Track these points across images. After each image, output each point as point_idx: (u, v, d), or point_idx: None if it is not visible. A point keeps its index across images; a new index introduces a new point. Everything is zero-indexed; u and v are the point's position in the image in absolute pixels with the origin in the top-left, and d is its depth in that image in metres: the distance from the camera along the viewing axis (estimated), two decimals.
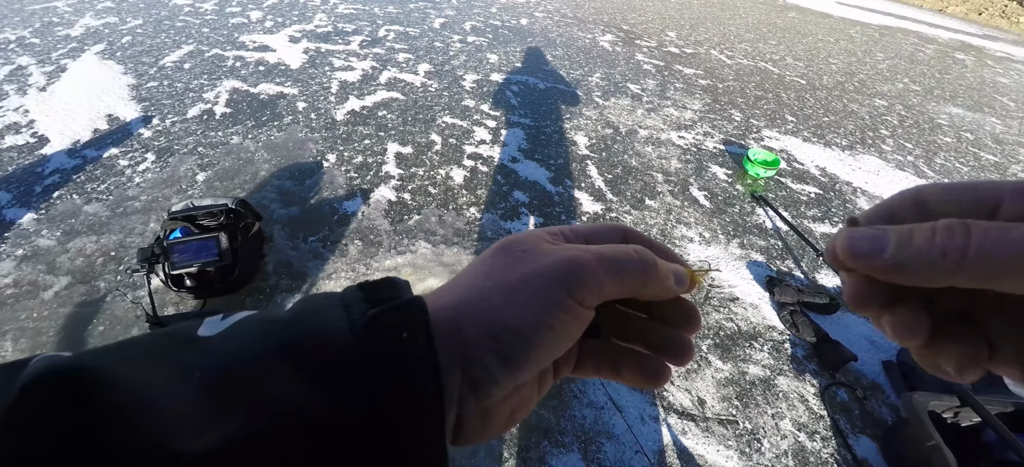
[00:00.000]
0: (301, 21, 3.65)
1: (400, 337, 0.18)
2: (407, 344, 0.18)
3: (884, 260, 0.18)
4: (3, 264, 1.46)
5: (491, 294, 0.20)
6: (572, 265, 0.20)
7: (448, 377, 0.19)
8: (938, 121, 3.50)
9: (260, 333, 0.18)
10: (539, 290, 0.20)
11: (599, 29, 4.49)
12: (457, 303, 0.20)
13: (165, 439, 0.13)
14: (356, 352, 0.17)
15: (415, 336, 0.18)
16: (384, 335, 0.18)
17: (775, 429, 1.25)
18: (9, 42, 2.86)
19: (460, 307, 0.20)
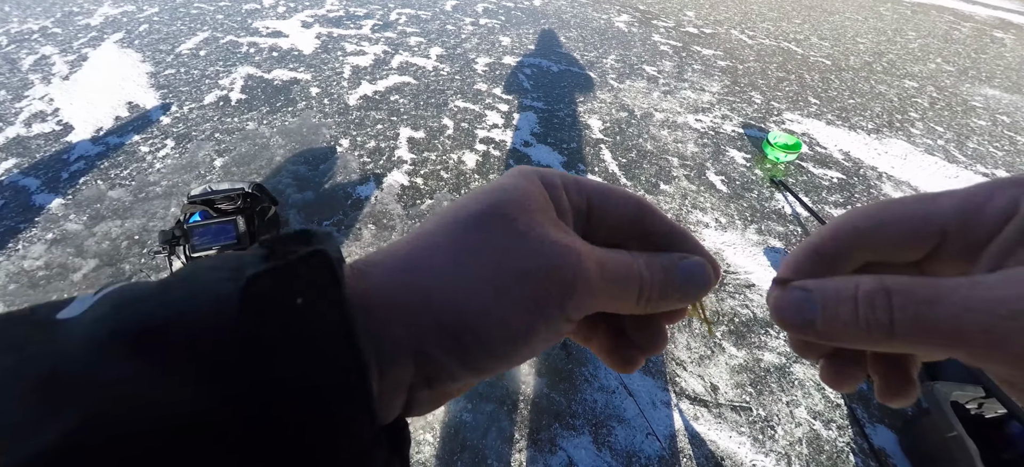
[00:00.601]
0: (313, 6, 3.65)
1: (292, 304, 0.13)
2: (304, 311, 0.13)
3: (814, 331, 0.16)
4: (35, 247, 1.52)
5: (465, 292, 0.16)
6: (573, 276, 0.16)
7: (392, 365, 0.15)
8: (972, 103, 3.33)
9: (110, 310, 0.13)
10: (526, 300, 0.16)
11: (614, 9, 4.37)
12: (417, 289, 0.16)
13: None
14: (231, 331, 0.13)
15: (316, 299, 0.13)
16: (269, 300, 0.13)
17: (790, 417, 1.24)
18: (33, 32, 2.93)
19: (420, 294, 0.16)
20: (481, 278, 0.16)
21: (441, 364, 0.16)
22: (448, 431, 1.13)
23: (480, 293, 0.16)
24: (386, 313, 0.15)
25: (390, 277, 0.16)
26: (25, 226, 1.59)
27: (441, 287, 0.16)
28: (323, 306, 0.13)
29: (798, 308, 0.17)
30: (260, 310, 0.13)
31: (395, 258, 0.17)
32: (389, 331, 0.15)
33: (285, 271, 0.14)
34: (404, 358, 0.15)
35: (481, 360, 0.16)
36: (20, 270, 1.44)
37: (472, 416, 1.16)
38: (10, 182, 1.78)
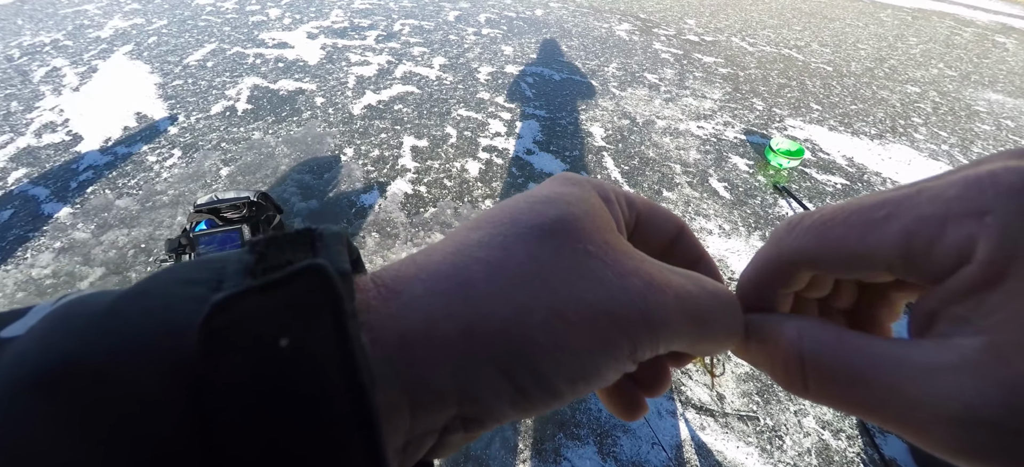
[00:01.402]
0: (318, 17, 3.70)
1: (275, 347, 0.09)
2: (289, 356, 0.09)
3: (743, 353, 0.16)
4: (42, 256, 1.53)
5: (533, 322, 0.13)
6: (651, 314, 0.14)
7: (426, 411, 0.12)
8: (976, 108, 3.32)
9: (41, 338, 0.10)
10: (599, 339, 0.13)
11: (615, 18, 4.41)
12: (467, 321, 0.13)
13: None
14: (176, 387, 0.09)
15: (306, 344, 0.10)
16: (237, 347, 0.09)
17: (798, 426, 1.22)
18: (45, 45, 2.98)
19: (471, 327, 0.12)
20: (545, 306, 0.13)
21: (488, 406, 0.13)
22: None
23: (549, 329, 0.13)
24: (424, 349, 0.12)
25: (428, 300, 0.13)
26: (34, 235, 1.61)
27: (497, 316, 0.13)
28: (320, 348, 0.10)
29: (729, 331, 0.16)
30: (224, 354, 0.09)
31: (435, 275, 0.13)
32: (426, 372, 0.12)
33: (264, 297, 0.10)
34: (443, 403, 0.12)
35: (535, 401, 0.13)
36: (28, 278, 1.45)
37: None
38: (20, 191, 1.80)
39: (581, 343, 0.13)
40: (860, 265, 0.14)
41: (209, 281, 0.11)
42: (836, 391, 0.13)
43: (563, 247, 0.14)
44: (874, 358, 0.12)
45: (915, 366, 0.12)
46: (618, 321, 0.13)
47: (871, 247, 0.13)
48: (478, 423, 0.14)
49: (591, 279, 0.14)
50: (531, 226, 0.14)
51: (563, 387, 0.13)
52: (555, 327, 0.13)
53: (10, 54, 2.84)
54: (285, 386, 0.09)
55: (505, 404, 0.13)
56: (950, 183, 0.12)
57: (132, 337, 0.10)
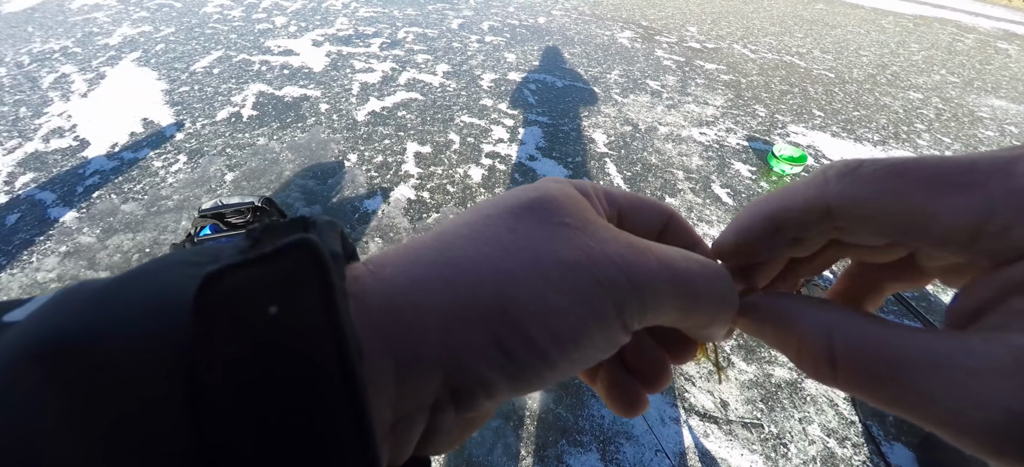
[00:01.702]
0: (323, 25, 3.74)
1: (264, 314, 0.10)
2: (279, 320, 0.10)
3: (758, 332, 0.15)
4: (48, 260, 1.55)
5: (514, 281, 0.13)
6: (633, 273, 0.14)
7: (415, 377, 0.12)
8: (979, 114, 3.32)
9: (46, 316, 0.10)
10: (582, 296, 0.13)
11: (618, 26, 4.44)
12: (453, 285, 0.13)
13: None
14: (168, 356, 0.10)
15: (298, 306, 0.10)
16: (229, 314, 0.10)
17: (802, 434, 1.21)
18: (54, 52, 3.03)
19: (457, 290, 0.13)
20: (531, 272, 0.13)
21: (476, 372, 0.13)
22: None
23: (530, 287, 0.13)
24: (410, 313, 0.12)
25: (415, 270, 0.13)
26: (40, 239, 1.62)
27: (486, 283, 0.13)
28: (308, 315, 0.10)
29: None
30: (216, 323, 0.09)
31: (420, 251, 0.14)
32: (413, 335, 0.12)
33: (256, 268, 0.10)
34: (431, 368, 0.12)
35: (524, 366, 0.13)
36: (33, 282, 1.46)
37: (478, 432, 1.15)
38: (27, 196, 1.82)
39: (564, 302, 0.13)
40: (917, 231, 0.12)
41: (206, 262, 0.12)
42: (869, 387, 0.12)
43: (543, 220, 0.15)
44: (916, 356, 0.11)
45: (963, 367, 0.10)
46: (600, 281, 0.13)
47: (943, 212, 0.12)
48: (468, 395, 0.13)
49: (570, 244, 0.14)
50: (511, 205, 0.15)
51: (551, 349, 0.13)
52: (537, 285, 0.13)
53: (20, 60, 2.88)
54: (273, 351, 0.10)
55: (494, 370, 0.13)
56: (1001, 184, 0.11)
57: (129, 313, 0.10)
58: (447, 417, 0.13)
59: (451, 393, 0.13)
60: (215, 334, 0.10)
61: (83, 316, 0.10)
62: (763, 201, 0.16)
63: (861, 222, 0.14)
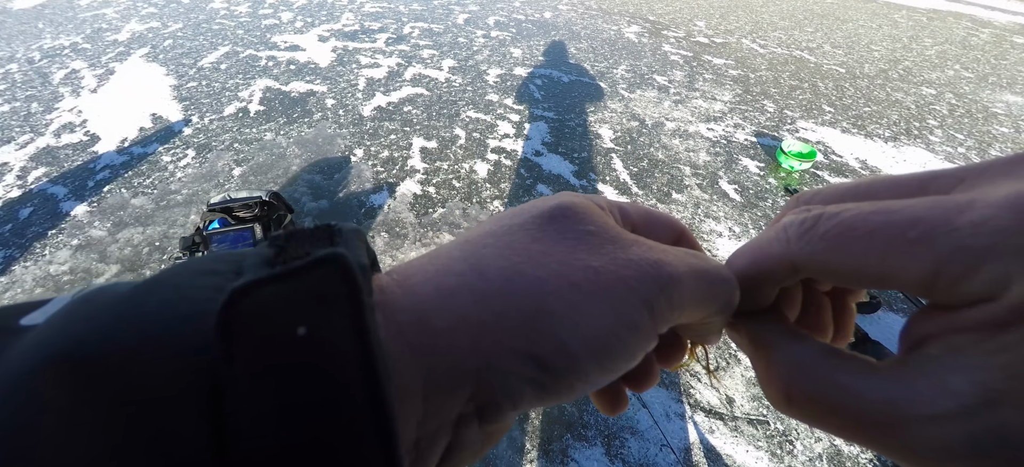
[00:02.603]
0: (329, 20, 3.75)
1: (289, 336, 0.09)
2: (306, 343, 0.09)
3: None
4: (60, 253, 1.57)
5: (546, 291, 0.13)
6: (661, 274, 0.14)
7: (440, 395, 0.12)
8: (993, 110, 3.26)
9: (63, 323, 0.10)
10: (615, 301, 0.13)
11: (624, 20, 4.40)
12: (481, 290, 0.13)
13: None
14: (194, 372, 0.09)
15: (325, 332, 0.10)
16: (256, 334, 0.09)
17: (808, 431, 1.20)
18: (64, 48, 3.06)
19: (486, 299, 0.13)
20: (561, 280, 0.13)
21: (507, 385, 0.13)
22: None
23: (561, 296, 0.13)
24: (441, 326, 0.12)
25: (443, 281, 0.13)
26: (52, 232, 1.65)
27: (517, 294, 0.13)
28: (337, 337, 0.10)
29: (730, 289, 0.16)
30: (242, 342, 0.09)
31: (446, 262, 0.14)
32: (443, 349, 0.12)
33: (284, 285, 0.10)
34: (462, 380, 0.12)
35: (557, 375, 0.13)
36: (46, 275, 1.49)
37: None
38: (39, 190, 1.84)
39: (597, 307, 0.13)
40: (876, 283, 0.13)
41: (228, 272, 0.11)
42: (819, 421, 0.13)
43: (566, 229, 0.15)
44: (863, 397, 0.12)
45: (908, 411, 0.11)
46: (629, 282, 0.14)
47: (896, 270, 0.12)
48: (495, 408, 0.13)
49: (597, 251, 0.14)
50: (533, 215, 0.15)
51: (584, 356, 0.13)
52: (569, 293, 0.13)
53: (31, 57, 2.92)
54: (299, 377, 0.09)
55: (525, 381, 0.13)
56: (999, 208, 0.11)
57: (148, 324, 0.10)
58: (471, 431, 0.13)
59: (477, 409, 0.13)
60: (240, 353, 0.09)
61: (100, 325, 0.10)
62: (740, 257, 0.16)
63: (826, 275, 0.14)
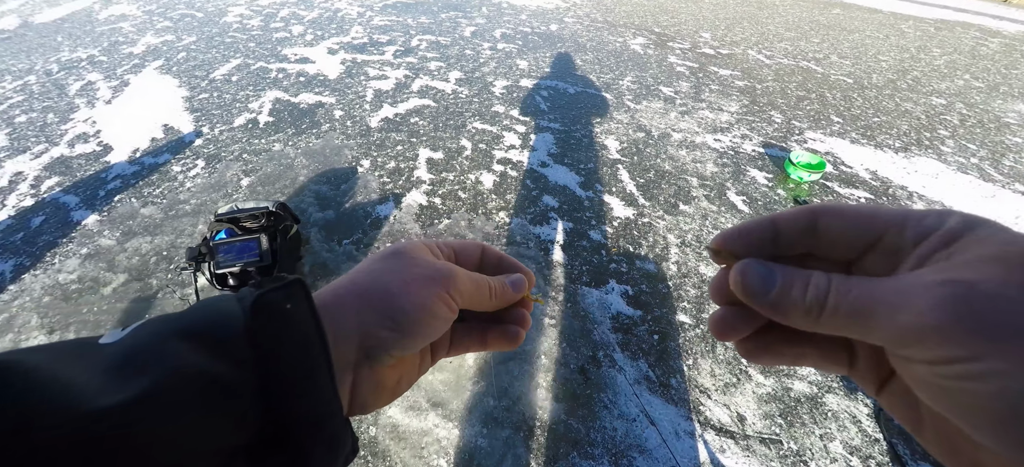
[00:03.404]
0: (339, 34, 3.81)
1: (284, 308, 0.21)
2: (291, 311, 0.21)
3: (766, 302, 0.20)
4: (70, 261, 1.58)
5: (389, 286, 0.25)
6: (449, 272, 0.27)
7: (344, 343, 0.23)
8: (1006, 120, 3.21)
9: (158, 325, 0.20)
10: (426, 285, 0.26)
11: (630, 32, 4.42)
12: (359, 292, 0.25)
13: (78, 403, 0.15)
14: (246, 325, 0.20)
15: (297, 305, 0.21)
16: (270, 307, 0.21)
17: (824, 451, 1.17)
18: (81, 60, 3.13)
19: (362, 294, 0.25)
20: (394, 281, 0.26)
21: (377, 336, 0.24)
22: (462, 457, 1.10)
23: (395, 285, 0.26)
24: (337, 309, 0.24)
25: (338, 289, 0.26)
26: (62, 241, 1.67)
27: (370, 288, 0.26)
28: (302, 309, 0.22)
29: (762, 280, 0.20)
30: (264, 313, 0.21)
31: (338, 282, 0.27)
32: (339, 319, 0.24)
33: (278, 291, 0.22)
34: (351, 336, 0.24)
35: (405, 325, 0.25)
36: (55, 283, 1.50)
37: (487, 442, 1.13)
38: (51, 199, 1.87)
39: (417, 289, 0.25)
40: (866, 224, 0.20)
41: (234, 298, 0.22)
42: (842, 323, 0.18)
43: (400, 258, 0.28)
44: (874, 292, 0.18)
45: (895, 289, 0.17)
46: (433, 278, 0.26)
47: (877, 213, 0.20)
48: (375, 350, 0.24)
49: (417, 266, 0.27)
50: (382, 255, 0.28)
51: (413, 312, 0.25)
52: (402, 286, 0.26)
53: (49, 69, 2.99)
54: (290, 317, 0.21)
55: (386, 330, 0.24)
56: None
57: (212, 316, 0.21)
58: (363, 372, 0.25)
59: (365, 351, 0.24)
60: (261, 317, 0.21)
61: (185, 321, 0.20)
62: (766, 215, 0.23)
63: (837, 217, 0.21)
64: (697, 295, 1.58)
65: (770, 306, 0.20)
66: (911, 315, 0.16)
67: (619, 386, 1.27)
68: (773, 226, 0.22)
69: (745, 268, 0.21)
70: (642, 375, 1.31)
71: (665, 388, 1.28)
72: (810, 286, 0.19)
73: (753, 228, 0.22)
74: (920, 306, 0.16)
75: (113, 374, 0.17)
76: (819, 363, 0.23)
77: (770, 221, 0.22)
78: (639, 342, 1.40)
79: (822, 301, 0.18)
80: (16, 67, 3.01)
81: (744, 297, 0.21)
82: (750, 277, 0.20)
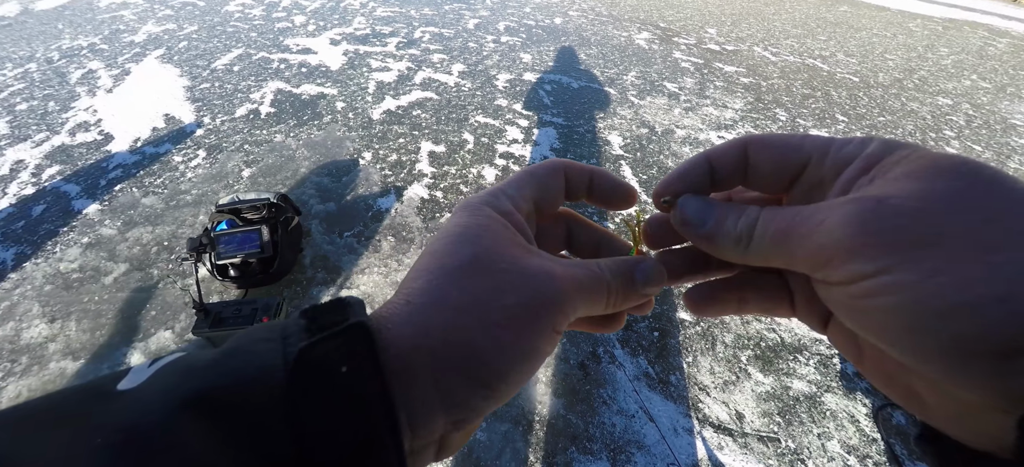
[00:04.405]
0: (341, 24, 3.78)
1: (337, 372, 0.15)
2: (348, 380, 0.15)
3: (702, 234, 0.21)
4: (71, 250, 1.59)
5: (472, 336, 0.18)
6: (555, 296, 0.19)
7: (423, 423, 0.17)
8: (1012, 121, 3.18)
9: (178, 381, 0.15)
10: (525, 327, 0.19)
11: (635, 27, 4.39)
12: (434, 350, 0.17)
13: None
14: (285, 395, 0.15)
15: (359, 369, 0.15)
16: (318, 371, 0.15)
17: (821, 450, 1.17)
18: (82, 48, 3.12)
19: (438, 354, 0.17)
20: (483, 323, 0.18)
21: (468, 406, 0.18)
22: (461, 451, 1.11)
23: (485, 334, 0.18)
24: (406, 374, 0.17)
25: (408, 342, 0.18)
26: (63, 230, 1.67)
27: (454, 345, 0.18)
28: (363, 374, 0.16)
29: (699, 213, 0.21)
30: (307, 378, 0.15)
31: (409, 323, 0.18)
32: (416, 394, 0.17)
33: (331, 342, 0.16)
34: (435, 413, 0.17)
35: (501, 388, 0.18)
36: (56, 272, 1.50)
37: (486, 435, 1.14)
38: (53, 188, 1.87)
39: (513, 337, 0.18)
40: (792, 155, 0.21)
41: (277, 338, 0.17)
42: (768, 251, 0.19)
43: (484, 275, 0.19)
44: (793, 218, 0.18)
45: (809, 214, 0.17)
46: (534, 310, 0.19)
47: (803, 143, 0.21)
48: (465, 422, 0.18)
49: (509, 289, 0.19)
50: (455, 267, 0.19)
51: (510, 368, 0.18)
52: (491, 332, 0.18)
53: (50, 57, 2.98)
54: (342, 395, 0.15)
55: (478, 398, 0.18)
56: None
57: (239, 376, 0.15)
58: (452, 438, 0.19)
59: (454, 424, 0.18)
60: (308, 383, 0.15)
61: (209, 380, 0.15)
62: (709, 152, 0.23)
63: (765, 148, 0.21)
64: None
65: (706, 237, 0.21)
66: (821, 236, 0.16)
67: (619, 382, 1.27)
68: (707, 162, 0.22)
69: (684, 202, 0.21)
70: (642, 371, 1.31)
71: (664, 385, 1.28)
72: (742, 217, 0.19)
73: (689, 169, 0.22)
74: (828, 226, 0.16)
75: (113, 460, 0.13)
76: (762, 307, 0.22)
77: (704, 157, 0.22)
78: (639, 338, 1.40)
79: (751, 231, 0.19)
80: (17, 54, 3.00)
81: (683, 230, 0.21)
82: (689, 210, 0.21)
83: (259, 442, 0.14)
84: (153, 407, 0.14)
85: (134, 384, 0.15)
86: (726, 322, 1.47)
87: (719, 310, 0.23)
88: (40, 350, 1.28)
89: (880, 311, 0.15)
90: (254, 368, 0.15)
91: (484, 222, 0.21)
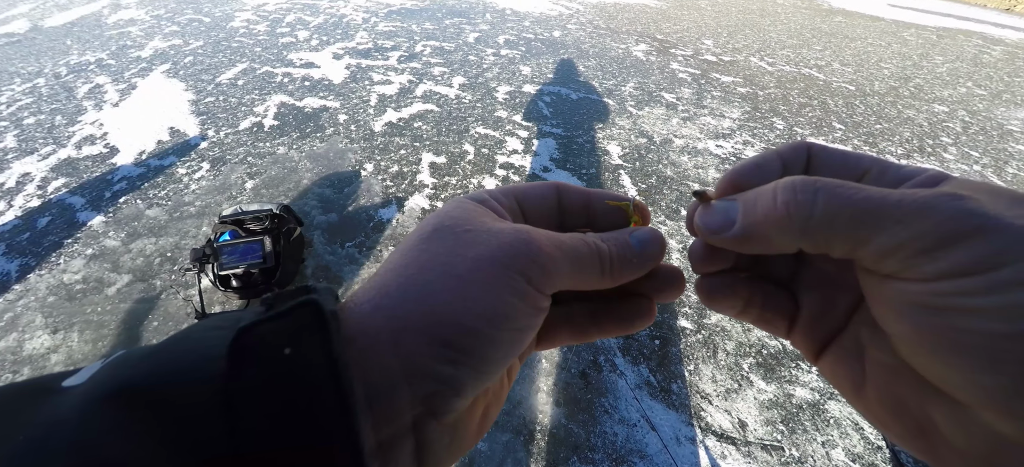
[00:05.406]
0: (344, 39, 3.84)
1: (279, 356, 0.13)
2: (291, 363, 0.13)
3: (733, 233, 0.18)
4: (75, 262, 1.60)
5: (434, 289, 0.16)
6: (527, 247, 0.17)
7: (393, 401, 0.15)
8: (1009, 127, 3.20)
9: (110, 373, 0.14)
10: (494, 278, 0.16)
11: (633, 39, 4.45)
12: (387, 306, 0.16)
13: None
14: (223, 383, 0.13)
15: (303, 351, 0.13)
16: (257, 355, 0.13)
17: (826, 458, 1.16)
18: (90, 63, 3.17)
19: (392, 312, 0.16)
20: (446, 276, 0.17)
21: (434, 377, 0.15)
22: (461, 461, 1.10)
23: (448, 288, 0.16)
24: (369, 346, 0.15)
25: (368, 311, 0.16)
26: (67, 241, 1.68)
27: (413, 300, 0.16)
28: (311, 351, 0.14)
29: (722, 212, 0.19)
30: (246, 362, 0.13)
31: (369, 292, 0.17)
32: (374, 362, 0.15)
33: (273, 322, 0.14)
34: (397, 384, 0.15)
35: (475, 351, 0.16)
36: (59, 283, 1.51)
37: (487, 445, 1.13)
38: (58, 200, 1.89)
39: (478, 289, 0.16)
40: (852, 163, 0.20)
41: (231, 325, 0.15)
42: (843, 226, 0.16)
43: (446, 234, 0.18)
44: (875, 197, 0.16)
45: (901, 198, 0.15)
46: (502, 261, 0.17)
47: (862, 156, 0.20)
48: (437, 398, 0.16)
49: (473, 244, 0.17)
50: (422, 232, 0.19)
51: (482, 326, 0.16)
52: (452, 284, 0.16)
53: (58, 72, 3.03)
54: (284, 381, 0.13)
55: (444, 363, 0.15)
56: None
57: (177, 365, 0.14)
58: (430, 428, 0.16)
59: (424, 403, 0.16)
60: (244, 368, 0.13)
61: (142, 370, 0.14)
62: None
63: (827, 156, 0.21)
64: (698, 301, 1.58)
65: (740, 233, 0.18)
66: (930, 222, 0.14)
67: (620, 391, 1.27)
68: (779, 158, 0.20)
69: (702, 210, 0.20)
70: (643, 380, 1.31)
71: (666, 393, 1.28)
72: (779, 190, 0.17)
73: (764, 162, 0.20)
74: (943, 213, 0.14)
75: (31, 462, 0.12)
76: (763, 317, 0.21)
77: (776, 154, 0.21)
78: (640, 347, 1.40)
79: (809, 205, 0.16)
80: (25, 70, 3.05)
81: (711, 240, 0.20)
82: (708, 216, 0.19)
83: (188, 437, 0.12)
84: (76, 402, 0.13)
85: (79, 381, 0.14)
86: (727, 329, 1.47)
87: (728, 304, 0.21)
88: (42, 361, 1.28)
89: (969, 313, 0.13)
90: (195, 356, 0.14)
91: (458, 202, 0.20)
